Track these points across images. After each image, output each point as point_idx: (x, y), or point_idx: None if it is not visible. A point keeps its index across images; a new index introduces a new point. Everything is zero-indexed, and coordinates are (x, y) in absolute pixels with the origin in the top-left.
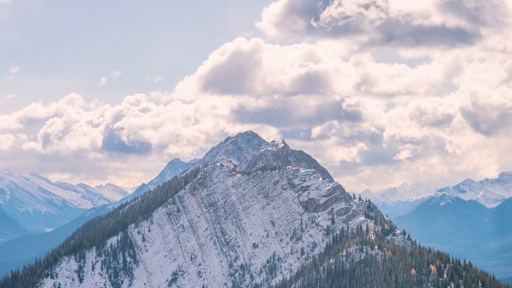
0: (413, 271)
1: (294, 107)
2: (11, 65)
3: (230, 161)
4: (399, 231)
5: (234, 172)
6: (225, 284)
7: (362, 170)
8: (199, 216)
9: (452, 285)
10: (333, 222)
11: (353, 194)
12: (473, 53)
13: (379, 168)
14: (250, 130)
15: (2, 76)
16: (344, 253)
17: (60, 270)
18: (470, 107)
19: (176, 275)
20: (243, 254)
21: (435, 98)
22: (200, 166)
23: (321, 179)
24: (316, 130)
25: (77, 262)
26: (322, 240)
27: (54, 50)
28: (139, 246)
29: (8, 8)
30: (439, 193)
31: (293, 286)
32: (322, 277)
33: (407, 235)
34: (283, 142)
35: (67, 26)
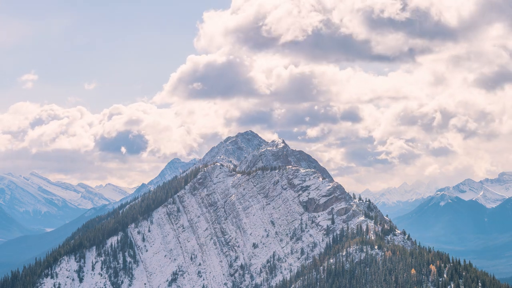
0: (413, 271)
1: (285, 110)
2: (24, 72)
3: (230, 161)
4: (399, 231)
5: (234, 172)
6: (225, 284)
7: (356, 171)
8: (199, 216)
9: (452, 285)
10: (333, 222)
11: (353, 194)
12: (453, 57)
13: (370, 169)
14: (250, 130)
15: (13, 80)
16: (344, 253)
17: (60, 270)
18: (456, 109)
19: (176, 275)
20: (243, 254)
21: (422, 101)
22: (200, 166)
23: (321, 179)
24: (309, 133)
25: (77, 262)
26: (322, 240)
27: (59, 57)
28: (139, 246)
29: (28, 33)
30: (439, 193)
31: (293, 286)
32: (322, 277)
33: (407, 235)
34: (283, 142)
35: (73, 36)
